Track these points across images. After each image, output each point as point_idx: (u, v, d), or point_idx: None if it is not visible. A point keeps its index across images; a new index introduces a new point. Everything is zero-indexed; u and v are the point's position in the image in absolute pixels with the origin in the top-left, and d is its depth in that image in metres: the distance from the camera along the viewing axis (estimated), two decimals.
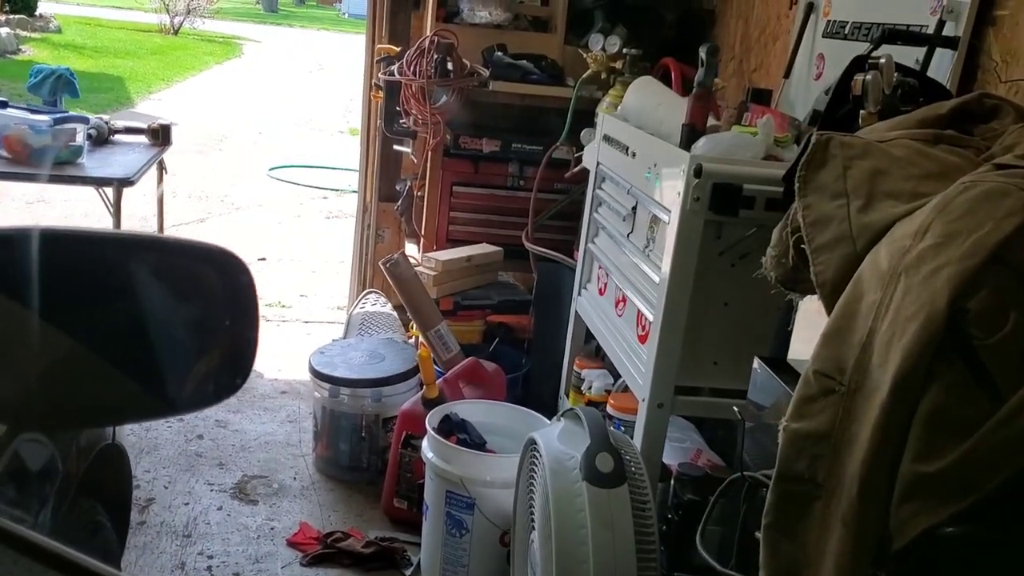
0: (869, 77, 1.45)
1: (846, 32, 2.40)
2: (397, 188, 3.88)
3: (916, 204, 1.23)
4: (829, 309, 1.25)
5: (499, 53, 3.51)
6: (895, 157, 1.32)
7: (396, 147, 3.77)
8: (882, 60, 1.47)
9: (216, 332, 0.74)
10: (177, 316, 0.70)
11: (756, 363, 1.61)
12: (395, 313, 3.65)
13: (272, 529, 2.69)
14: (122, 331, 0.71)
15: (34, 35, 15.07)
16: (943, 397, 1.04)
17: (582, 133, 3.13)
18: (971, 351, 1.03)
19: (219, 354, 0.73)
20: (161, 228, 4.26)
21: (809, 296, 1.45)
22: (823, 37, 2.52)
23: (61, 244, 0.72)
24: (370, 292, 3.89)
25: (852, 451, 1.16)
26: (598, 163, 2.73)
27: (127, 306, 0.71)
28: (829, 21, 2.50)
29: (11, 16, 14.98)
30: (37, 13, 16.18)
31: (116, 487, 1.71)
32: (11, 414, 0.82)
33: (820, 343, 1.22)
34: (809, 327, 1.53)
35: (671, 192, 2.05)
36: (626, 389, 2.49)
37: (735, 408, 1.59)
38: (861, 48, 2.10)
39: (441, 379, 2.79)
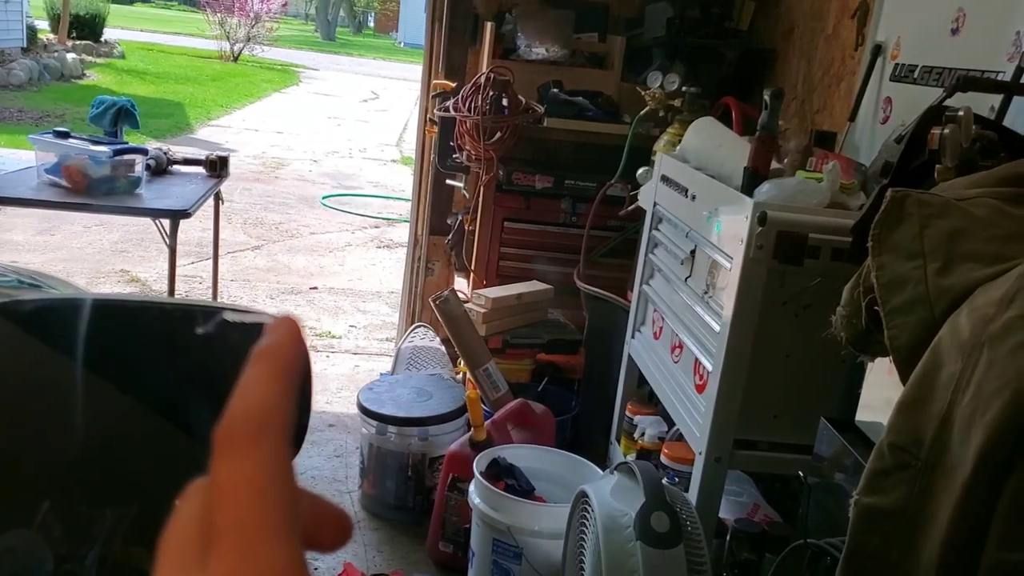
0: (947, 131, 1.38)
1: (915, 76, 2.32)
2: (448, 222, 3.86)
3: (999, 268, 1.16)
4: (904, 376, 1.19)
5: (555, 89, 3.49)
6: (975, 217, 1.25)
7: (448, 181, 3.76)
8: (960, 112, 1.40)
9: None
10: (215, 389, 0.66)
11: (822, 424, 1.54)
12: (443, 348, 3.62)
13: (316, 569, 2.65)
14: (168, 407, 0.67)
15: (99, 60, 15.46)
16: None
17: (638, 172, 3.08)
18: None
19: None
20: (216, 257, 4.29)
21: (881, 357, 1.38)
22: (891, 80, 2.45)
23: (108, 313, 0.68)
24: (419, 326, 3.86)
25: (929, 532, 1.09)
26: (655, 204, 2.67)
27: (174, 381, 0.67)
28: (897, 64, 2.43)
29: (77, 42, 15.38)
30: (102, 39, 16.61)
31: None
32: (57, 488, 0.78)
33: (895, 413, 1.15)
34: (879, 387, 1.46)
35: (733, 238, 1.99)
36: (680, 438, 2.42)
37: (800, 472, 1.52)
38: (931, 93, 2.04)
39: (489, 420, 2.74)
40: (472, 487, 2.39)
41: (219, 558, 0.30)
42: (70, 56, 13.91)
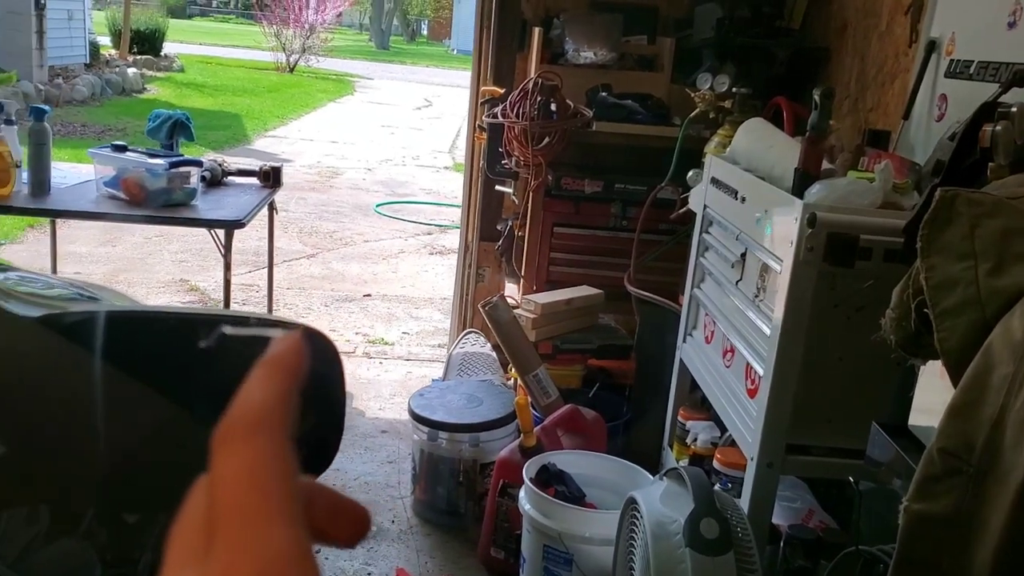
0: (999, 127, 1.35)
1: (971, 72, 2.27)
2: (498, 228, 3.87)
3: None
4: (955, 379, 1.16)
5: (603, 93, 3.47)
6: None
7: (498, 187, 3.76)
8: (1014, 108, 1.37)
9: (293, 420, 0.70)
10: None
11: (874, 428, 1.51)
12: (494, 354, 3.63)
13: (369, 575, 2.68)
14: (200, 417, 0.68)
15: (159, 75, 15.81)
16: None
17: (689, 174, 3.05)
18: None
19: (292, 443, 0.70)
20: (271, 266, 4.36)
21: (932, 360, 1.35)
22: (946, 77, 2.40)
23: (140, 325, 0.70)
24: (470, 332, 3.87)
25: (981, 538, 1.06)
26: (705, 206, 2.65)
27: (206, 389, 0.68)
28: (952, 60, 2.37)
29: (138, 57, 15.76)
30: (162, 54, 16.98)
31: None
32: (102, 495, 0.80)
33: (945, 418, 1.13)
34: (932, 391, 1.43)
35: (783, 241, 1.97)
36: (733, 443, 2.39)
37: (851, 478, 1.50)
38: (987, 89, 1.99)
39: (539, 426, 2.74)
40: (522, 493, 2.39)
41: (221, 545, 0.31)
42: (131, 71, 14.24)
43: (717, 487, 2.18)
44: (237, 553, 0.31)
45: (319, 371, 0.69)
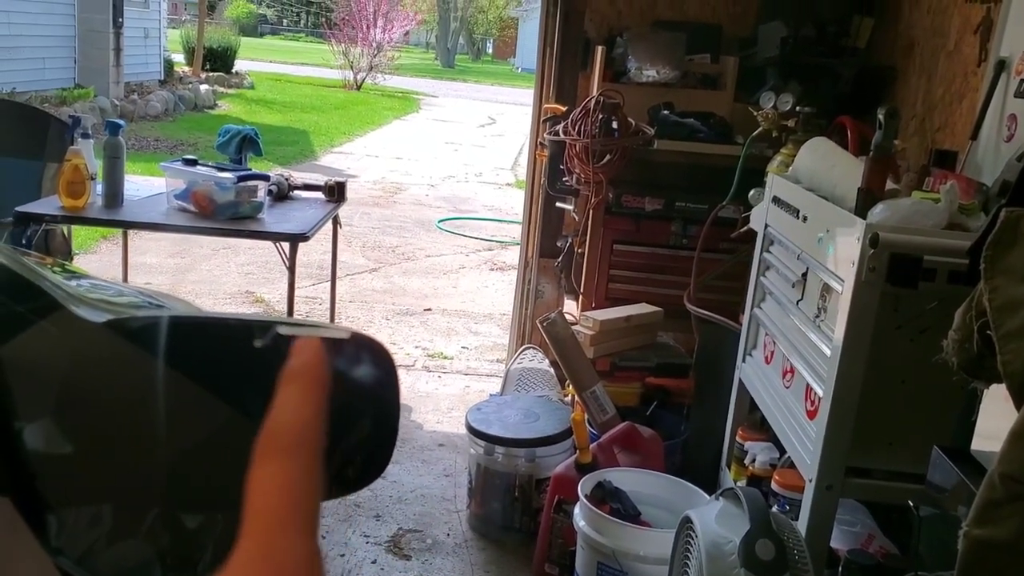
0: None
1: None
2: (558, 244, 3.88)
3: None
4: (1019, 404, 1.14)
5: (665, 111, 3.47)
6: None
7: (559, 204, 3.78)
8: None
9: (346, 427, 0.71)
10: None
11: (935, 452, 1.48)
12: (552, 370, 3.63)
13: None
14: (256, 418, 0.70)
15: (230, 91, 16.19)
16: None
17: (750, 193, 3.03)
18: None
19: (342, 456, 0.71)
20: (334, 278, 4.43)
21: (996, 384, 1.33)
22: (1015, 97, 2.35)
23: (200, 329, 0.72)
24: (528, 348, 3.88)
25: None
26: (766, 225, 2.63)
27: (262, 390, 0.70)
28: (1023, 80, 2.32)
29: (210, 74, 16.16)
30: (233, 71, 17.40)
31: None
32: (164, 496, 0.82)
33: (1008, 442, 1.11)
34: (995, 415, 1.40)
35: (845, 261, 1.95)
36: (792, 465, 2.36)
37: (911, 503, 1.47)
38: None
39: (595, 443, 2.73)
40: (577, 509, 2.39)
41: (244, 543, 0.35)
42: (203, 87, 14.61)
43: (775, 509, 2.16)
44: (258, 552, 0.34)
45: (372, 378, 0.71)
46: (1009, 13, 2.47)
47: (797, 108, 3.05)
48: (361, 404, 0.76)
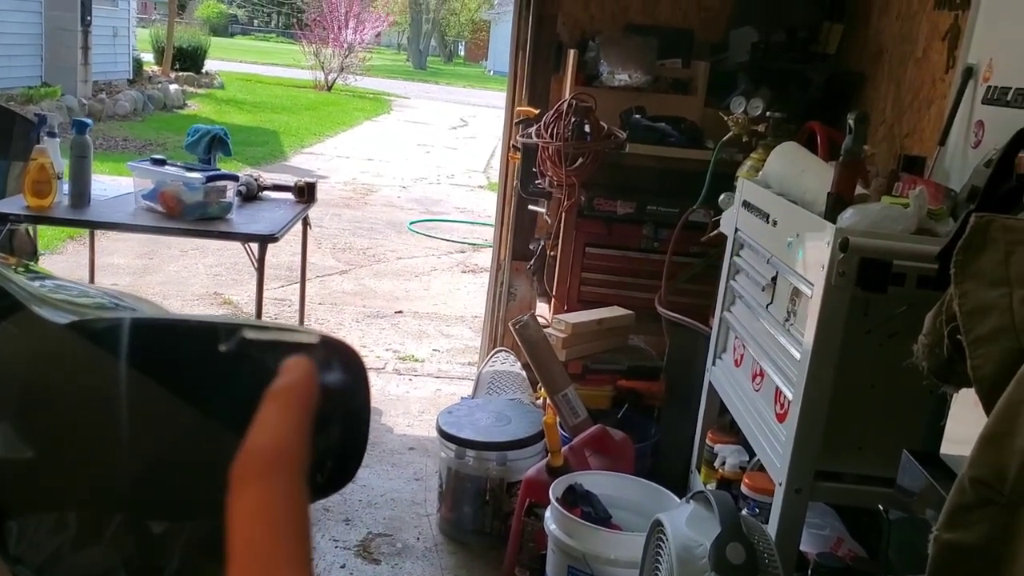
0: None
1: (1008, 99, 2.25)
2: (531, 247, 3.88)
3: None
4: (988, 408, 1.14)
5: (637, 115, 3.48)
6: None
7: (531, 207, 3.77)
8: None
9: (315, 431, 0.70)
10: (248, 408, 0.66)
11: (905, 456, 1.49)
12: (524, 373, 3.62)
13: None
14: (222, 423, 0.68)
15: (200, 91, 16.05)
16: None
17: (721, 197, 3.04)
18: None
19: (315, 456, 0.70)
20: (303, 280, 4.39)
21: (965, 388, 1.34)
22: (983, 103, 2.38)
23: (165, 331, 0.71)
24: (500, 350, 3.88)
25: (1013, 570, 1.04)
26: (736, 229, 2.64)
27: (228, 395, 0.68)
28: (990, 87, 2.35)
29: (180, 74, 16.02)
30: (203, 71, 17.26)
31: None
32: (129, 502, 0.80)
33: (977, 447, 1.11)
34: (966, 420, 1.41)
35: (814, 265, 1.96)
36: (762, 467, 2.37)
37: (880, 506, 1.48)
38: None
39: (567, 447, 2.73)
40: (548, 513, 2.38)
41: None
42: (173, 87, 14.48)
43: (744, 512, 2.16)
44: None
45: (342, 383, 0.69)
46: (976, 20, 2.49)
47: (767, 113, 3.07)
48: (330, 409, 0.74)
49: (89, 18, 11.77)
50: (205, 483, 0.79)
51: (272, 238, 3.18)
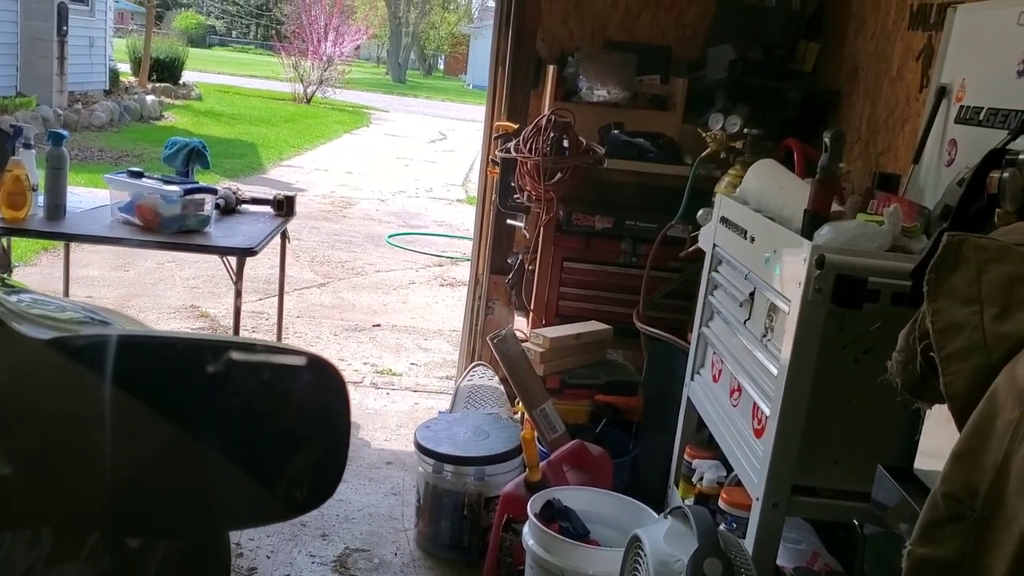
0: (1007, 174, 1.36)
1: (981, 119, 2.28)
2: (509, 261, 3.88)
3: None
4: (959, 424, 1.16)
5: (616, 131, 3.50)
6: None
7: (509, 221, 3.78)
8: (1022, 155, 1.38)
9: (296, 449, 0.70)
10: (255, 427, 0.67)
11: (879, 471, 1.51)
12: (502, 387, 3.62)
13: None
14: (205, 442, 0.69)
15: (177, 102, 15.99)
16: None
17: (699, 213, 3.06)
18: None
19: (295, 473, 0.70)
20: (282, 293, 4.38)
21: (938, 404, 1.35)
22: (955, 122, 2.41)
23: (148, 350, 0.71)
24: (478, 364, 3.87)
25: None
26: (714, 245, 2.66)
27: (212, 415, 0.69)
28: (962, 106, 2.39)
29: (157, 85, 15.95)
30: (181, 82, 17.19)
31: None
32: (105, 519, 0.80)
33: (950, 462, 1.13)
34: (939, 436, 1.42)
35: (791, 281, 1.98)
36: (739, 483, 2.38)
37: (855, 521, 1.49)
38: (997, 135, 2.00)
39: (545, 461, 2.73)
40: (526, 528, 2.38)
41: None
42: (150, 98, 14.41)
43: (722, 527, 2.17)
44: None
45: (325, 403, 0.70)
46: (950, 41, 2.53)
47: (745, 130, 3.10)
48: (311, 428, 0.75)
49: (65, 28, 11.71)
50: (183, 500, 0.79)
51: (251, 252, 3.17)
